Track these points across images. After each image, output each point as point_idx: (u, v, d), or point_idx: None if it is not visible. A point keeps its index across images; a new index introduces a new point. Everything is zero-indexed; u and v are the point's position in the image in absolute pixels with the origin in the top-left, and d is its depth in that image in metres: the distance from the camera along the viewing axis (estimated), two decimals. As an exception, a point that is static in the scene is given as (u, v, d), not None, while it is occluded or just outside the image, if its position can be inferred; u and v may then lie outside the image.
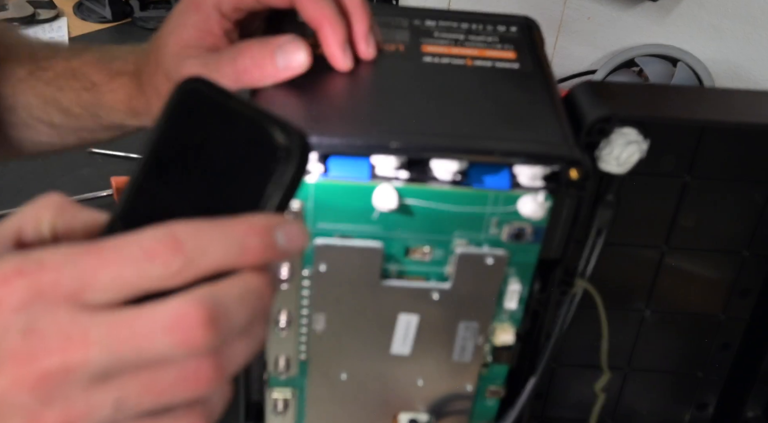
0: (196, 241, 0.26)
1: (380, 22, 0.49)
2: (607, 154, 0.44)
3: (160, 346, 0.25)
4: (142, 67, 0.49)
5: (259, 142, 0.27)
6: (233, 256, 0.26)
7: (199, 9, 0.46)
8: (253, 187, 0.28)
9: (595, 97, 0.44)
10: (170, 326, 0.25)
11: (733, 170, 0.47)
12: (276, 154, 0.27)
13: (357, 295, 0.43)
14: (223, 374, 0.27)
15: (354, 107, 0.42)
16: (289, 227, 0.27)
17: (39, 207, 0.28)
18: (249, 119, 0.28)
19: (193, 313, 0.25)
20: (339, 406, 0.48)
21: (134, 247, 0.25)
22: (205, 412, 0.28)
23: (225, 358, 0.27)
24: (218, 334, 0.26)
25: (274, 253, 0.27)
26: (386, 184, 0.39)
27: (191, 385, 0.26)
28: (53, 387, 0.25)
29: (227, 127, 0.28)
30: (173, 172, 0.28)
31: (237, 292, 0.26)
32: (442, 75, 0.45)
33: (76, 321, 0.25)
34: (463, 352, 0.46)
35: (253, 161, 0.28)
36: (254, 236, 0.26)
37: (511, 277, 0.43)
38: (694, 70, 0.79)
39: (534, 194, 0.40)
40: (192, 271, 0.26)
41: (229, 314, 0.26)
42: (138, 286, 0.26)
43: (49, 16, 1.12)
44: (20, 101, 0.54)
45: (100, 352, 0.25)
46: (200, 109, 0.28)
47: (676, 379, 0.56)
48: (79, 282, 0.25)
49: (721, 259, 0.51)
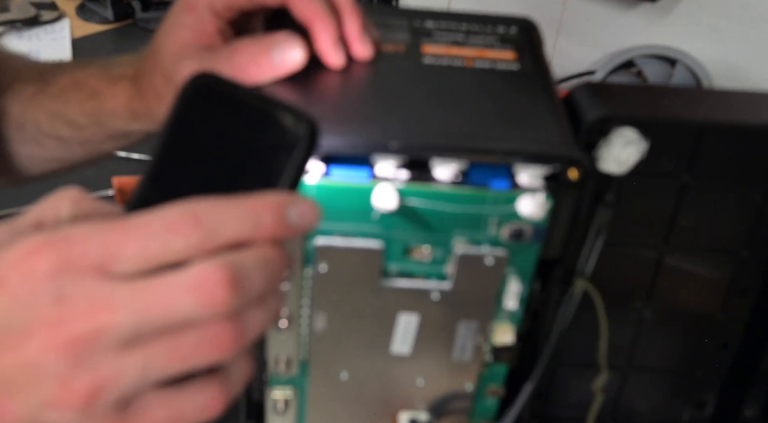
0: (214, 216, 0.27)
1: (380, 23, 0.49)
2: (607, 154, 0.44)
3: (184, 307, 0.26)
4: (141, 70, 0.50)
5: (270, 128, 0.29)
6: (248, 230, 0.28)
7: (193, 10, 0.46)
8: (265, 171, 0.29)
9: (595, 98, 0.44)
10: (194, 287, 0.26)
11: (732, 170, 0.47)
12: (287, 138, 0.29)
13: (357, 295, 0.43)
14: (242, 339, 0.28)
15: (354, 108, 0.42)
16: (301, 204, 0.29)
17: (58, 199, 0.29)
18: (259, 108, 0.29)
19: (216, 275, 0.27)
20: (339, 405, 0.48)
21: (157, 222, 0.27)
22: (226, 384, 0.29)
23: (244, 324, 0.28)
24: (239, 295, 0.27)
25: (287, 229, 0.28)
26: (386, 184, 0.40)
27: (214, 348, 0.27)
28: (83, 351, 0.26)
29: (238, 116, 0.29)
30: (186, 163, 0.29)
31: (254, 259, 0.28)
32: (442, 76, 0.45)
33: (104, 288, 0.26)
34: (463, 351, 0.46)
35: (264, 147, 0.29)
36: (268, 212, 0.28)
37: (511, 276, 0.44)
38: (693, 71, 0.79)
39: (534, 194, 0.40)
40: (210, 243, 0.27)
41: (248, 278, 0.27)
42: (161, 257, 0.27)
43: (52, 17, 1.13)
44: (29, 118, 0.55)
45: (127, 315, 0.26)
46: (210, 101, 0.29)
47: (675, 378, 0.56)
48: (105, 253, 0.27)
49: (720, 259, 0.51)
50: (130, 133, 0.54)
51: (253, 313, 0.28)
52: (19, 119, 0.55)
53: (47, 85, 0.55)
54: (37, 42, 1.08)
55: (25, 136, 0.56)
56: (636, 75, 0.82)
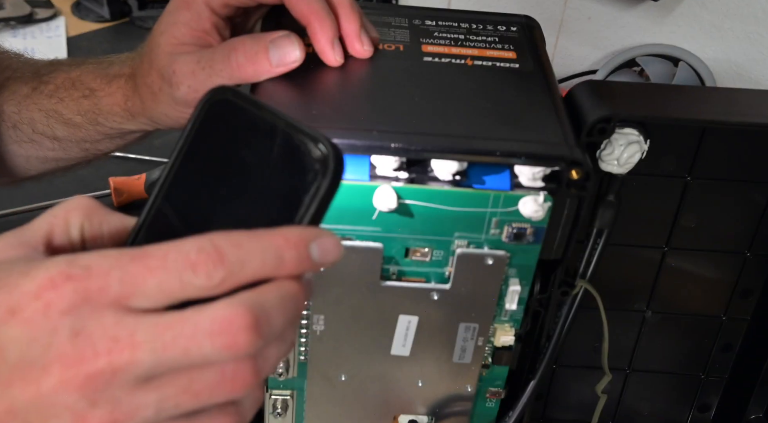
0: (237, 254, 0.26)
1: (380, 22, 0.49)
2: (608, 154, 0.44)
3: (205, 349, 0.26)
4: (137, 68, 0.50)
5: (294, 153, 0.28)
6: (270, 268, 0.27)
7: (189, 7, 0.46)
8: (286, 199, 0.28)
9: (596, 97, 0.44)
10: (216, 330, 0.26)
11: (734, 170, 0.47)
12: (311, 166, 0.27)
13: (357, 296, 0.43)
14: (259, 377, 0.28)
15: (354, 107, 0.42)
16: (324, 240, 0.28)
17: (68, 209, 0.29)
18: (283, 130, 0.28)
19: (239, 318, 0.26)
20: (338, 407, 0.48)
21: (179, 257, 0.26)
22: (238, 414, 0.29)
23: (262, 362, 0.28)
24: (261, 338, 0.26)
25: (308, 265, 0.28)
26: (386, 184, 0.39)
27: (229, 387, 0.27)
28: (100, 388, 0.26)
29: (260, 137, 0.28)
30: (203, 180, 0.28)
31: (276, 298, 0.27)
32: (443, 75, 0.45)
33: (123, 324, 0.26)
34: (463, 353, 0.46)
35: (286, 173, 0.28)
36: (291, 249, 0.27)
37: (511, 277, 0.43)
38: (696, 70, 0.78)
39: (534, 195, 0.40)
40: (232, 281, 0.27)
41: (271, 319, 0.27)
42: (181, 294, 0.26)
43: (47, 15, 1.12)
44: (24, 117, 0.55)
45: (147, 353, 0.26)
46: (231, 119, 0.28)
47: (678, 380, 0.56)
48: (125, 288, 0.26)
49: (722, 260, 0.51)
50: (126, 132, 0.54)
51: (272, 349, 0.28)
52: (14, 119, 0.55)
53: (42, 84, 0.54)
54: (32, 40, 1.08)
55: (20, 135, 0.55)
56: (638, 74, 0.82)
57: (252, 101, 0.28)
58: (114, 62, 0.53)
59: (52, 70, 0.55)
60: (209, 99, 0.28)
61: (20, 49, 0.60)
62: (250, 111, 0.28)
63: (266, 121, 0.28)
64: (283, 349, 0.29)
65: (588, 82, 0.46)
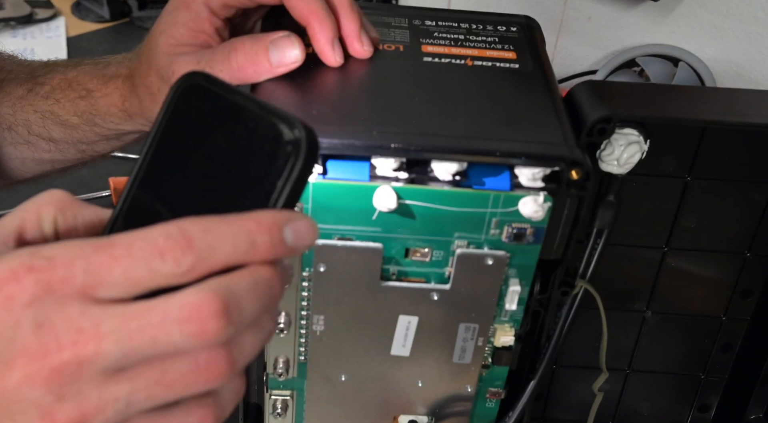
0: (206, 239, 0.26)
1: (380, 22, 0.49)
2: (608, 154, 0.44)
3: (174, 337, 0.25)
4: (135, 69, 0.50)
5: (266, 137, 0.27)
6: (242, 253, 0.26)
7: (188, 7, 0.46)
8: (260, 183, 0.27)
9: (596, 98, 0.44)
10: (185, 317, 0.25)
11: (734, 170, 0.47)
12: (284, 149, 0.27)
13: (357, 296, 0.43)
14: (234, 366, 0.27)
15: (354, 108, 0.42)
16: (297, 224, 0.27)
17: (41, 204, 0.28)
18: (255, 114, 0.27)
19: (208, 304, 0.25)
20: (338, 407, 0.48)
21: (145, 245, 0.25)
22: (217, 406, 0.28)
23: (236, 350, 0.27)
24: (231, 324, 0.26)
25: (282, 250, 0.27)
26: (386, 184, 0.39)
27: (203, 377, 0.26)
28: (66, 381, 0.25)
29: (232, 122, 0.28)
30: (177, 167, 0.28)
31: (248, 284, 0.27)
32: (443, 75, 0.45)
33: (88, 315, 0.25)
34: (463, 353, 0.46)
35: (259, 156, 0.27)
36: (263, 233, 0.27)
37: (511, 278, 0.43)
38: (696, 70, 0.78)
39: (534, 195, 0.40)
40: (202, 268, 0.26)
41: (242, 305, 0.26)
42: (149, 282, 0.26)
43: (47, 15, 1.12)
44: (20, 119, 0.54)
45: (113, 344, 0.25)
46: (203, 104, 0.28)
47: (678, 380, 0.56)
48: (90, 278, 0.25)
49: (722, 260, 0.51)
50: (123, 133, 0.54)
51: (246, 338, 0.27)
52: (10, 120, 0.54)
53: (38, 85, 0.54)
54: (31, 40, 1.08)
55: (15, 137, 0.55)
56: (638, 74, 0.82)
57: (224, 86, 0.28)
58: (111, 63, 0.53)
59: (47, 72, 0.55)
60: (181, 85, 0.28)
61: (18, 50, 0.59)
62: (221, 96, 0.28)
63: (238, 105, 0.27)
64: (260, 337, 0.28)
65: (588, 82, 0.46)
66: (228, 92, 0.28)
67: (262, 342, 0.28)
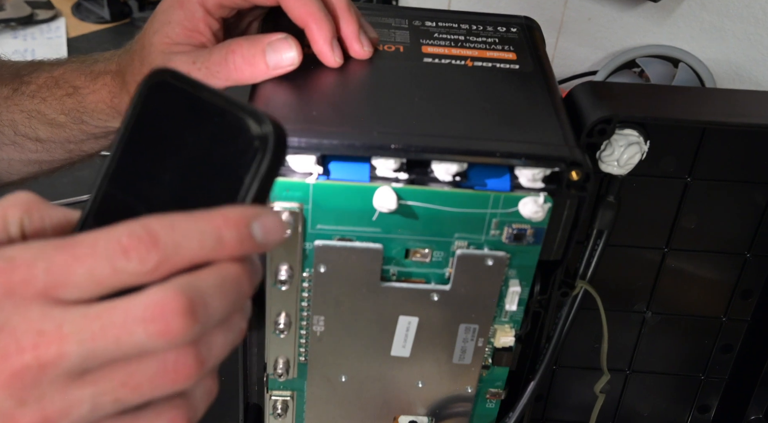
0: (172, 236, 0.25)
1: (380, 23, 0.49)
2: (608, 155, 0.44)
3: (138, 338, 0.25)
4: (126, 66, 0.49)
5: (234, 132, 0.27)
6: (209, 249, 0.26)
7: (183, 6, 0.46)
8: (229, 179, 0.27)
9: (596, 98, 0.44)
10: (148, 316, 0.25)
11: (734, 171, 0.47)
12: (251, 144, 0.27)
13: (357, 297, 0.43)
14: (203, 366, 0.26)
15: (354, 108, 0.42)
16: (266, 219, 0.27)
17: (6, 206, 0.27)
18: (222, 110, 0.27)
19: (172, 303, 0.25)
20: (338, 408, 0.48)
21: (108, 243, 0.25)
22: (188, 408, 0.27)
23: (205, 350, 0.26)
24: (198, 323, 0.25)
25: (250, 246, 0.27)
26: (386, 185, 0.39)
27: (171, 378, 0.26)
28: (28, 385, 0.24)
29: (200, 118, 0.27)
30: (145, 164, 0.28)
31: (215, 281, 0.26)
32: (443, 76, 0.45)
33: (49, 316, 0.25)
34: (463, 354, 0.46)
35: (227, 152, 0.27)
36: (230, 229, 0.26)
37: (511, 278, 0.43)
38: (696, 71, 0.78)
39: (534, 196, 0.40)
40: (168, 265, 0.25)
41: (208, 303, 0.26)
42: (113, 282, 0.25)
43: (47, 16, 1.12)
44: (5, 119, 0.53)
45: (75, 346, 0.24)
46: (171, 101, 0.28)
47: (678, 381, 0.56)
48: (51, 279, 0.25)
49: (722, 261, 0.51)
50: (111, 131, 0.53)
51: (215, 337, 0.27)
52: None
53: (24, 85, 0.53)
54: (32, 41, 1.08)
55: (1, 138, 0.54)
56: (638, 75, 0.82)
57: (191, 82, 0.28)
58: (99, 60, 0.52)
59: (33, 70, 0.54)
60: (148, 82, 0.28)
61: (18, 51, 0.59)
62: (189, 92, 0.27)
63: (206, 101, 0.27)
64: (230, 336, 0.27)
65: (588, 83, 0.46)
66: (196, 89, 0.27)
67: (233, 341, 0.28)
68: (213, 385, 0.28)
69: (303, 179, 0.39)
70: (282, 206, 0.39)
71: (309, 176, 0.39)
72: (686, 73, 0.78)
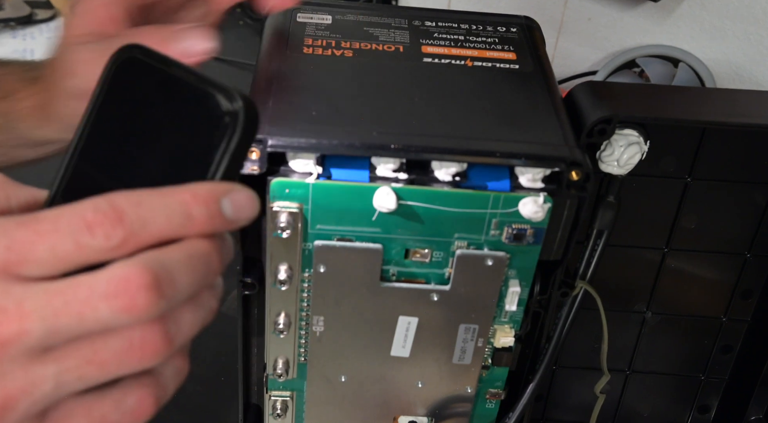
0: (139, 211, 0.25)
1: (380, 23, 0.49)
2: (608, 155, 0.44)
3: (102, 313, 0.24)
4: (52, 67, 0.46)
5: (203, 108, 0.27)
6: (177, 225, 0.26)
7: None
8: (198, 155, 0.27)
9: (596, 98, 0.44)
10: (112, 291, 0.24)
11: (734, 171, 0.47)
12: (222, 120, 0.27)
13: (356, 297, 0.43)
14: (171, 343, 0.26)
15: (354, 108, 0.42)
16: (236, 195, 0.27)
17: None
18: (192, 86, 0.27)
19: (136, 277, 0.24)
20: (338, 408, 0.48)
21: (72, 219, 0.25)
22: (156, 386, 0.27)
23: (173, 326, 0.26)
24: (163, 298, 0.25)
25: (221, 222, 0.26)
26: (386, 185, 0.39)
27: (138, 355, 0.25)
28: None
29: (169, 94, 0.27)
30: (113, 142, 0.28)
31: (181, 256, 0.26)
32: (443, 76, 0.45)
33: (10, 293, 0.24)
34: (463, 354, 0.46)
35: (197, 129, 0.27)
36: (199, 205, 0.26)
37: (511, 278, 0.43)
38: (696, 71, 0.78)
39: (534, 196, 0.40)
40: (135, 242, 0.25)
41: (174, 278, 0.25)
42: (77, 258, 0.25)
43: (46, 16, 1.12)
44: None
45: (38, 323, 0.24)
46: (140, 77, 0.27)
47: (678, 381, 0.56)
48: (12, 255, 0.24)
49: (722, 261, 0.51)
50: (40, 139, 0.50)
51: (183, 314, 0.26)
52: None
53: None
54: (31, 41, 1.08)
55: None
56: (638, 75, 0.82)
57: (161, 58, 0.27)
58: (37, 65, 0.50)
59: None
60: (117, 58, 0.28)
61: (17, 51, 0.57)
62: (159, 68, 0.27)
63: (175, 77, 0.27)
64: (200, 314, 0.27)
65: (588, 83, 0.46)
66: (165, 65, 0.27)
67: (203, 319, 0.27)
68: (183, 364, 0.28)
69: (303, 179, 0.39)
70: (281, 206, 0.39)
71: (309, 176, 0.39)
72: (686, 73, 0.78)
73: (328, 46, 0.46)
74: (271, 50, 0.46)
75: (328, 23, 0.48)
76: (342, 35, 0.47)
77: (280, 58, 0.45)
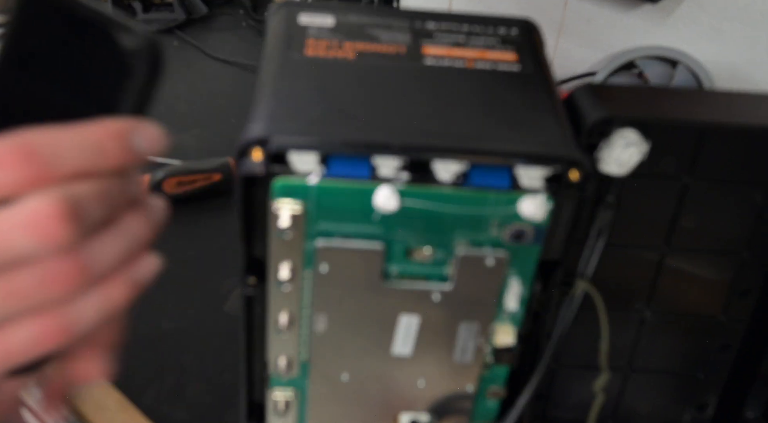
0: (51, 147, 0.25)
1: (381, 24, 0.49)
2: (608, 155, 0.44)
3: (17, 244, 0.25)
4: None
5: (109, 47, 0.27)
6: (91, 160, 0.26)
7: None
8: (106, 93, 0.28)
9: (596, 99, 0.44)
10: (27, 222, 0.25)
11: (733, 172, 0.47)
12: (128, 58, 0.27)
13: (358, 296, 0.43)
14: (88, 274, 0.26)
15: (355, 108, 0.42)
16: (146, 129, 0.27)
17: None
18: (96, 24, 0.27)
19: (50, 208, 0.25)
20: (340, 406, 0.48)
21: None
22: (64, 318, 0.27)
23: (90, 257, 0.26)
24: (77, 227, 0.25)
25: (133, 155, 0.27)
26: (387, 185, 0.40)
27: (55, 285, 0.26)
28: None
29: (76, 33, 0.27)
30: (22, 82, 0.28)
31: (96, 188, 0.26)
32: (443, 77, 0.45)
33: None
34: (464, 353, 0.46)
35: (103, 67, 0.28)
36: (111, 139, 0.27)
37: (511, 278, 0.44)
38: (695, 72, 0.79)
39: (535, 195, 0.40)
40: (47, 176, 0.25)
41: (88, 208, 0.26)
42: None
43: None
44: None
45: None
46: (45, 16, 0.28)
47: (677, 380, 0.56)
48: None
49: (721, 261, 0.51)
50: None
51: (100, 246, 0.27)
52: None
53: None
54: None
55: None
56: (637, 76, 0.82)
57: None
58: None
59: None
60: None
61: None
62: (62, 6, 0.27)
63: (80, 16, 0.27)
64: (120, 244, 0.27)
65: (588, 84, 0.46)
66: (71, 3, 0.28)
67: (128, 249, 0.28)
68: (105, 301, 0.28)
69: (304, 179, 0.39)
70: (284, 206, 0.40)
71: (310, 176, 0.39)
72: (685, 74, 0.79)
73: (330, 47, 0.46)
74: (274, 51, 0.46)
75: (330, 25, 0.49)
76: (344, 36, 0.47)
77: (282, 59, 0.45)
